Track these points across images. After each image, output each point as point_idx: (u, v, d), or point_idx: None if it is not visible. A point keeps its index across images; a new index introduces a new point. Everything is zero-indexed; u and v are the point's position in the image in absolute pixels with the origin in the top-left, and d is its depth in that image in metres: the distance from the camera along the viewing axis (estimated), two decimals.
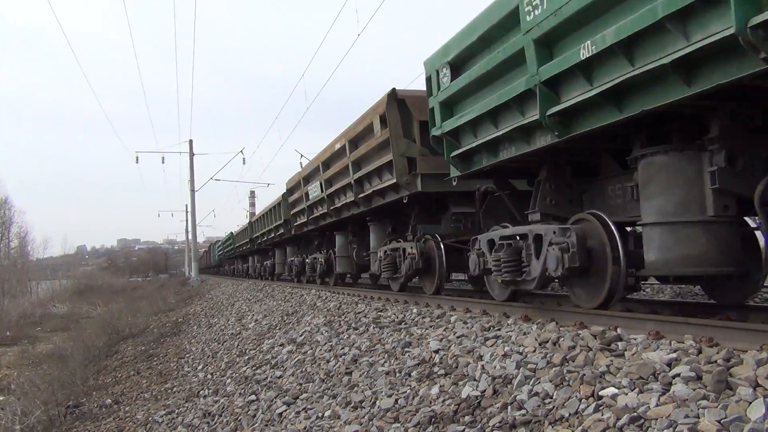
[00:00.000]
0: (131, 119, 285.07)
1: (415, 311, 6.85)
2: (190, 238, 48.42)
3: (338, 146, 10.72)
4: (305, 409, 5.31)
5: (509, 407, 3.40)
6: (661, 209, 4.39)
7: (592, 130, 4.50)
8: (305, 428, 4.85)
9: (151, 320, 23.09)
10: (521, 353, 4.03)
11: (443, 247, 7.95)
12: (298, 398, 5.73)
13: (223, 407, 7.00)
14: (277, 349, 8.15)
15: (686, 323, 3.88)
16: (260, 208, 33.33)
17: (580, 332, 4.01)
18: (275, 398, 6.02)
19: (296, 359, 6.99)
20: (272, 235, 20.14)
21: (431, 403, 4.01)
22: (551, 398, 3.29)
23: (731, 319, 4.38)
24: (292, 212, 16.12)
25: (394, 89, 8.17)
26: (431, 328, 5.76)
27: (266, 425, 5.54)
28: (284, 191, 17.00)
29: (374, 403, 4.55)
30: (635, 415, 2.70)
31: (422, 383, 4.43)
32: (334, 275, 13.57)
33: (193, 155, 40.07)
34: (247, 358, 8.88)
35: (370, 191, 9.47)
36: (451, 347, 4.81)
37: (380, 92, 9.62)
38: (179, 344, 15.25)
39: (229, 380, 8.15)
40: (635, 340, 3.61)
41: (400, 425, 3.95)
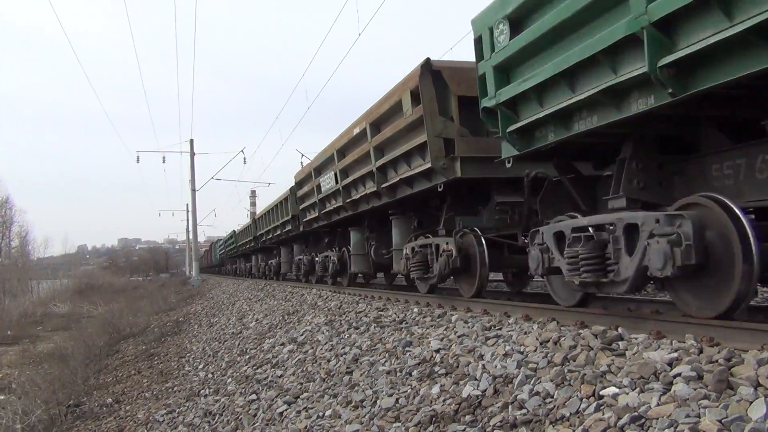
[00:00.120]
0: (132, 119, 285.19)
1: (416, 311, 6.85)
2: (190, 237, 48.55)
3: (357, 131, 9.54)
4: (306, 408, 5.31)
5: (510, 407, 3.40)
6: None
7: (728, 81, 3.44)
8: (306, 427, 4.85)
9: (151, 319, 23.08)
10: (522, 353, 4.03)
11: (484, 242, 6.89)
12: (298, 397, 5.73)
13: (223, 406, 7.01)
14: (277, 348, 8.15)
15: (687, 323, 3.87)
16: (261, 207, 33.35)
17: (581, 332, 4.01)
18: (276, 397, 6.03)
19: (297, 358, 6.99)
20: (278, 232, 19.27)
21: (432, 402, 4.01)
22: (552, 398, 3.29)
23: (732, 318, 4.36)
24: (301, 207, 14.97)
25: (428, 59, 6.98)
26: (432, 327, 5.76)
27: (267, 424, 5.54)
28: (292, 185, 16.04)
29: (375, 402, 4.55)
30: (636, 414, 2.70)
31: (423, 383, 4.43)
32: (348, 275, 12.54)
33: (193, 155, 40.22)
34: (247, 357, 8.89)
35: (396, 179, 8.27)
36: (452, 346, 4.81)
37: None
38: (180, 343, 15.23)
39: (229, 379, 8.16)
40: (636, 339, 3.61)
41: (400, 425, 3.95)
